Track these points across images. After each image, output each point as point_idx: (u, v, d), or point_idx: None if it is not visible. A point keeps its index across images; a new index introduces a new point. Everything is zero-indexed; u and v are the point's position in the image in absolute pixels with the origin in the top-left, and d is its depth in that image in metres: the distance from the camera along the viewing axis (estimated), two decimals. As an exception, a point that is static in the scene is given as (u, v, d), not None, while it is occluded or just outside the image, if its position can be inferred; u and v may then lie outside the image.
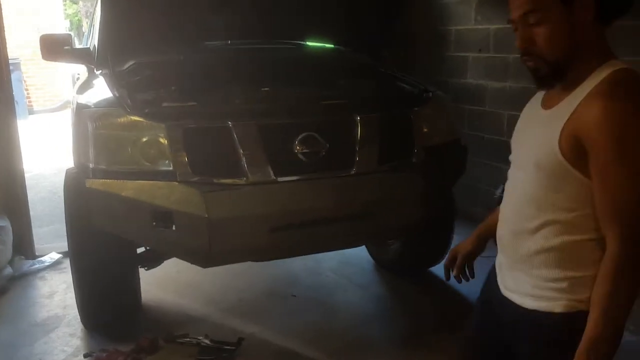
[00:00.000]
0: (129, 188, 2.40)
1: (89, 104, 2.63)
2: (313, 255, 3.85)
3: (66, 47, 3.02)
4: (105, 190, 2.42)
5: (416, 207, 2.71)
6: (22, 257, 3.76)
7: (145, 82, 2.82)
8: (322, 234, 2.57)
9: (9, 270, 3.50)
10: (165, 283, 3.53)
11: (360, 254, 3.97)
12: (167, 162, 2.42)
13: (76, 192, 2.52)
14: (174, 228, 2.37)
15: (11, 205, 3.72)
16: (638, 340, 2.77)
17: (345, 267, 3.84)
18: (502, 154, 4.28)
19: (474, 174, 4.76)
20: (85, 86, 2.97)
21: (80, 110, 2.57)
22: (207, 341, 2.87)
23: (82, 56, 3.21)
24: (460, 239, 1.73)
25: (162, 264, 2.99)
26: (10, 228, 3.64)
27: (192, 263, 2.58)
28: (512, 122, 1.48)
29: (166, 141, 2.40)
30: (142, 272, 3.02)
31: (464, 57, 4.69)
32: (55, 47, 3.01)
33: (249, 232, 2.44)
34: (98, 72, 2.95)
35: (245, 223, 2.42)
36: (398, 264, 3.66)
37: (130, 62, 2.99)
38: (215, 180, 2.44)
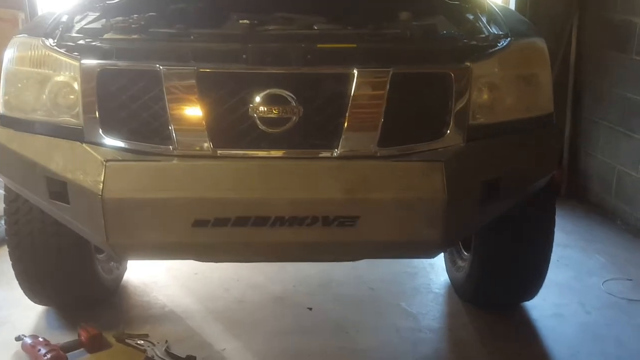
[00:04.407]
0: (27, 144, 2.24)
1: (23, 31, 2.51)
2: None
3: None
4: (2, 143, 2.30)
5: (429, 220, 2.11)
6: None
7: (125, 7, 2.59)
8: (272, 239, 2.13)
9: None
10: (172, 264, 3.43)
11: (436, 262, 3.43)
12: (76, 113, 2.19)
13: None
14: (68, 203, 2.15)
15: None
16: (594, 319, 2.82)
17: (403, 280, 3.31)
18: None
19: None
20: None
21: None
22: (157, 352, 2.66)
23: None
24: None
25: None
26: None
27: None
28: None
29: (79, 85, 2.16)
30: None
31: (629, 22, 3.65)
32: None
33: (163, 222, 2.11)
34: None
35: (158, 210, 2.10)
36: (471, 291, 3.01)
37: None
38: (129, 146, 2.15)
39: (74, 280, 2.79)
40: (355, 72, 2.11)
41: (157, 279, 3.30)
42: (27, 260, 2.68)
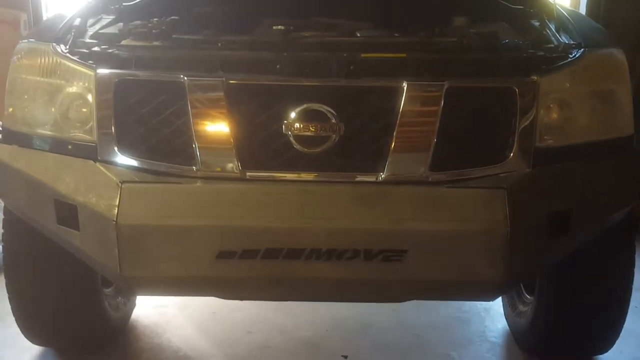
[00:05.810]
0: (33, 162, 2.31)
1: (30, 35, 2.60)
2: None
3: None
4: (4, 161, 2.37)
5: (489, 256, 2.12)
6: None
7: (144, 10, 2.69)
8: (306, 275, 2.16)
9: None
10: (188, 301, 3.48)
11: (492, 306, 3.44)
12: (89, 129, 2.26)
13: None
14: (79, 230, 2.21)
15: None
16: None
17: (454, 327, 3.31)
18: None
19: None
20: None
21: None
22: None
23: None
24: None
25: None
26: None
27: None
28: None
29: (93, 97, 2.24)
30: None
31: None
32: None
33: (184, 253, 2.15)
34: None
35: (179, 239, 2.14)
36: (534, 340, 3.00)
37: None
38: (148, 166, 2.21)
39: (77, 317, 2.82)
40: (405, 85, 2.14)
41: (169, 318, 3.34)
42: (26, 294, 2.73)
